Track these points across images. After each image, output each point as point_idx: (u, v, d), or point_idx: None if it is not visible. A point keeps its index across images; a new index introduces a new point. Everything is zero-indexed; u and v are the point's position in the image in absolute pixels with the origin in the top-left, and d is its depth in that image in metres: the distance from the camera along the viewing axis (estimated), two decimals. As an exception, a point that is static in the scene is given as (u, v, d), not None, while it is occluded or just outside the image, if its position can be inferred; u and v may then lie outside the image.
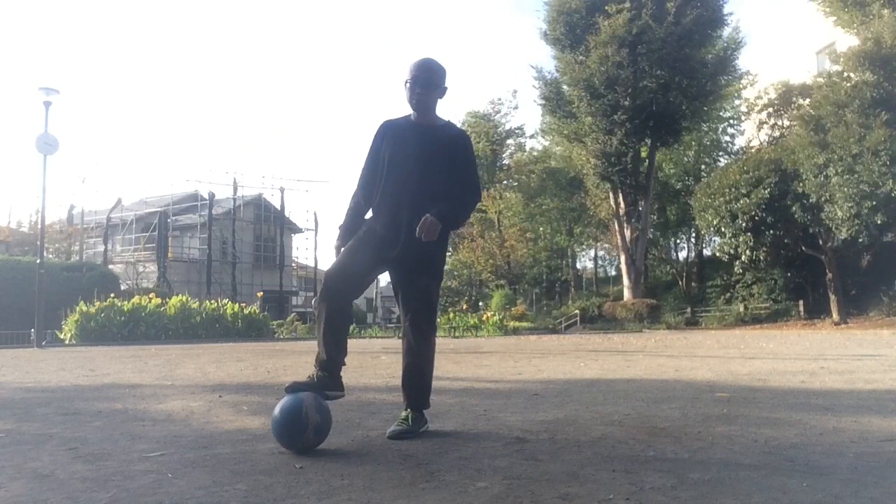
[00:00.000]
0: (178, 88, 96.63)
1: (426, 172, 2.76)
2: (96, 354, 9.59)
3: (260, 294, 28.23)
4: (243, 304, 19.36)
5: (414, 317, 2.75)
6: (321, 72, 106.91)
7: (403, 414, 2.75)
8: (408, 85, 2.79)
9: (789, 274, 25.57)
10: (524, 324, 26.46)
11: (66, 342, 14.62)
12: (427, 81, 2.78)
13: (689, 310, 29.65)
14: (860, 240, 18.84)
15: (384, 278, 3.12)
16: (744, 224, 21.37)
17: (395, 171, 2.78)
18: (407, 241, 2.70)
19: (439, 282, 2.90)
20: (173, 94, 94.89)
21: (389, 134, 2.86)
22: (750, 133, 31.38)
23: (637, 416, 3.21)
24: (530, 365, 6.61)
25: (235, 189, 33.84)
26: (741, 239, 21.75)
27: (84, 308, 14.82)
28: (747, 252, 21.86)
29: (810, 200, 19.19)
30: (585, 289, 39.55)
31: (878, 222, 17.30)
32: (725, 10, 26.66)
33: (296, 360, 8.08)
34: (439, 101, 2.89)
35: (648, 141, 27.64)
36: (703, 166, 34.41)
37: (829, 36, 24.18)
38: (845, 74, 18.65)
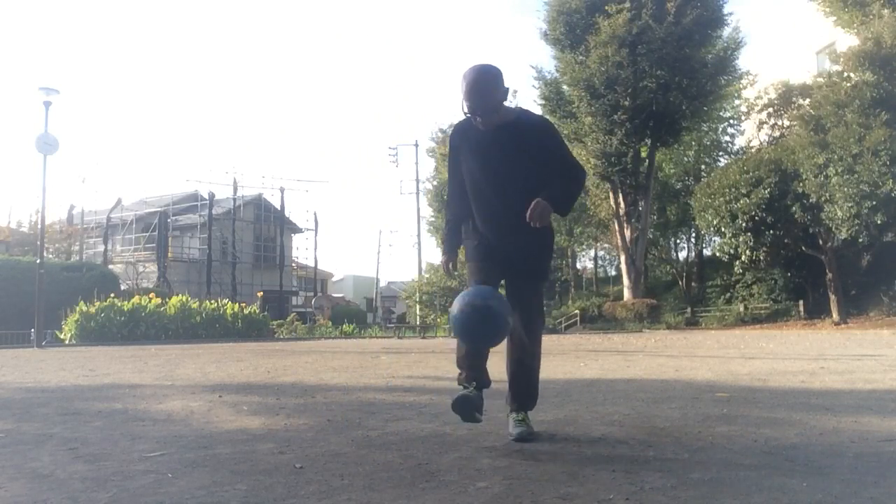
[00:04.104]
0: (178, 88, 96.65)
1: (512, 174, 2.64)
2: (96, 354, 9.59)
3: (260, 294, 28.23)
4: (243, 304, 19.37)
5: (528, 320, 2.68)
6: (321, 72, 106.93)
7: (520, 416, 2.66)
8: (466, 114, 2.63)
9: (789, 274, 25.54)
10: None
11: (66, 342, 14.61)
12: (485, 110, 2.57)
13: (689, 310, 29.62)
14: (860, 240, 18.81)
15: (384, 278, 3.18)
16: (744, 224, 21.34)
17: (481, 180, 2.68)
18: (515, 245, 2.66)
19: (545, 282, 2.92)
20: (173, 94, 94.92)
21: (464, 143, 2.73)
22: (750, 133, 31.33)
23: (637, 416, 3.21)
24: (530, 365, 6.60)
25: (235, 189, 33.86)
26: (741, 239, 21.72)
27: (84, 308, 14.82)
28: (747, 252, 21.83)
29: (810, 200, 19.17)
30: (585, 289, 39.52)
31: (878, 222, 17.28)
32: (725, 10, 26.60)
33: (296, 360, 8.08)
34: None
35: (648, 141, 27.60)
36: (703, 166, 34.35)
37: (829, 36, 24.15)
38: (845, 74, 18.62)
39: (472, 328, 2.45)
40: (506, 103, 2.74)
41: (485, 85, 2.56)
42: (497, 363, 2.96)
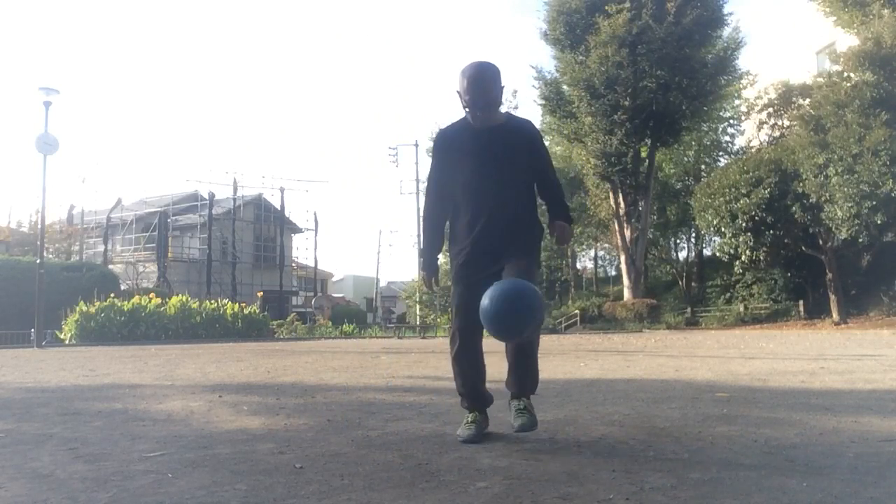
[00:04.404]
0: (178, 88, 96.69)
1: (505, 175, 2.64)
2: (96, 354, 9.58)
3: (260, 294, 28.23)
4: (243, 304, 19.36)
5: None
6: (321, 71, 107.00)
7: (521, 404, 2.57)
8: (466, 108, 2.63)
9: (789, 274, 25.54)
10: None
11: (66, 342, 14.62)
12: (487, 104, 2.60)
13: (689, 310, 29.63)
14: (860, 240, 18.82)
15: (384, 278, 3.14)
16: (744, 224, 21.35)
17: (476, 180, 2.66)
18: (506, 247, 2.60)
19: (538, 268, 2.90)
20: (173, 94, 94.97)
21: (455, 146, 2.72)
22: (750, 133, 31.33)
23: (637, 416, 3.21)
24: (530, 365, 6.59)
25: (235, 189, 33.87)
26: (741, 239, 21.73)
27: (84, 308, 14.82)
28: (747, 252, 21.84)
29: (810, 200, 19.17)
30: (585, 289, 39.52)
31: (878, 222, 17.28)
32: (725, 11, 26.60)
33: (296, 360, 8.08)
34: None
35: (648, 141, 27.61)
36: (703, 166, 34.36)
37: (829, 36, 24.16)
38: (845, 74, 18.63)
39: (507, 319, 2.35)
40: (507, 103, 2.75)
41: (486, 80, 2.59)
42: (496, 363, 2.96)
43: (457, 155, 2.70)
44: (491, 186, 2.65)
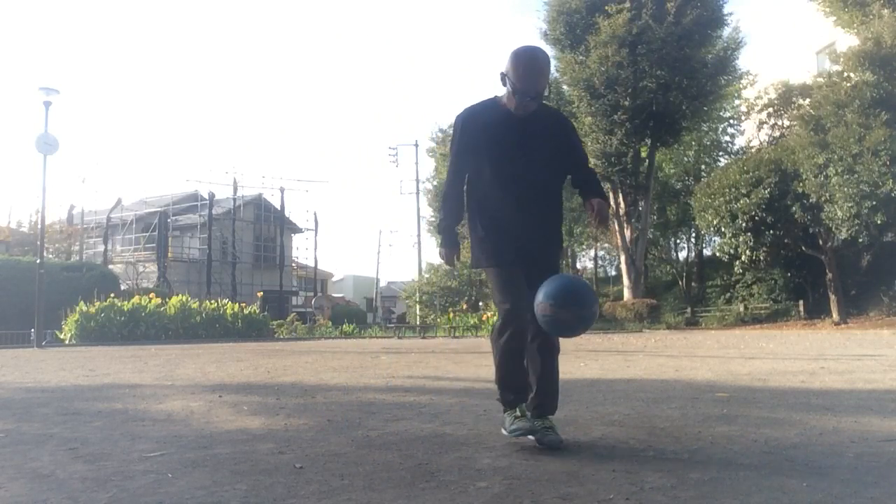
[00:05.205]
0: (178, 88, 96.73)
1: (536, 164, 2.58)
2: (96, 354, 9.58)
3: (260, 294, 28.22)
4: (243, 304, 19.35)
5: None
6: (321, 71, 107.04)
7: (547, 422, 2.51)
8: (516, 95, 2.49)
9: (789, 274, 25.54)
10: (524, 324, 26.36)
11: (66, 342, 14.61)
12: (538, 93, 2.51)
13: (689, 310, 29.62)
14: (860, 240, 18.81)
15: (384, 278, 3.09)
16: (744, 224, 21.34)
17: (502, 169, 2.57)
18: (530, 238, 2.57)
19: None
20: (173, 94, 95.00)
21: (484, 125, 2.60)
22: (750, 133, 31.34)
23: (637, 416, 3.21)
24: (530, 365, 6.58)
25: (235, 189, 33.86)
26: (741, 239, 21.72)
27: (84, 308, 14.81)
28: (747, 252, 21.83)
29: (810, 200, 19.16)
30: (585, 289, 39.51)
31: (878, 222, 17.27)
32: (725, 10, 26.54)
33: (296, 360, 8.08)
34: None
35: (648, 141, 27.61)
36: (703, 166, 34.35)
37: (829, 36, 24.16)
38: (845, 74, 18.62)
39: (568, 329, 2.51)
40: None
41: (542, 69, 2.52)
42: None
43: (487, 136, 2.59)
44: (522, 174, 2.57)
